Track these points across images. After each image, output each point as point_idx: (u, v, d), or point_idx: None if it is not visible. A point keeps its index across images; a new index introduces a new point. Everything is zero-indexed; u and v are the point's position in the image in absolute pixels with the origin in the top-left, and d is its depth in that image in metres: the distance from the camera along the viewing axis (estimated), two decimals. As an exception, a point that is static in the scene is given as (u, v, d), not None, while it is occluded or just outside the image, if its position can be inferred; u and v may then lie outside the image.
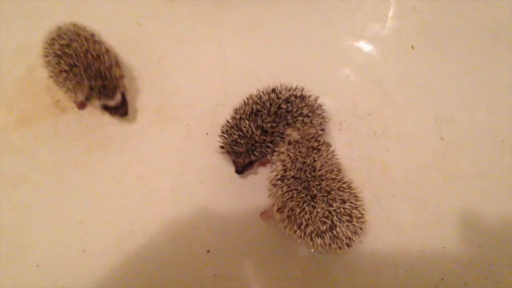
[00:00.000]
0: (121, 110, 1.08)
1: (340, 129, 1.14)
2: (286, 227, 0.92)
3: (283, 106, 0.97)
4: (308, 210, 0.87)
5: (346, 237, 0.88)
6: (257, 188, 1.07)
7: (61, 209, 1.07)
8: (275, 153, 0.95)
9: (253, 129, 0.96)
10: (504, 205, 1.05)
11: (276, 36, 1.31)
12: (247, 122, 0.96)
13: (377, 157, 1.12)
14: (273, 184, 0.93)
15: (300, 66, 1.13)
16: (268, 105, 0.97)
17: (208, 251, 1.02)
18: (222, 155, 1.07)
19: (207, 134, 1.16)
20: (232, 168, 1.09)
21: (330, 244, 0.89)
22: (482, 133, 1.14)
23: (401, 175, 1.10)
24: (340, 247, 0.90)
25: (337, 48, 1.30)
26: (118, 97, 1.06)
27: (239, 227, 1.05)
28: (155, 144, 1.16)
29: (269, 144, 0.97)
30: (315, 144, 0.92)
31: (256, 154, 0.98)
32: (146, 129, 1.17)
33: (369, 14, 1.35)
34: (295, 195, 0.89)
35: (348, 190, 0.91)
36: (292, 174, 0.89)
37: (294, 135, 0.94)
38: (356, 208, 0.90)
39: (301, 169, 0.89)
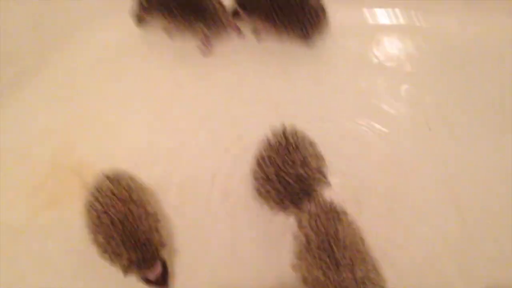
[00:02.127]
0: (162, 284, 1.02)
1: (358, 208, 1.15)
2: None
3: (292, 147, 1.04)
4: (333, 279, 0.88)
5: None
6: (276, 263, 1.08)
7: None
8: (298, 225, 0.97)
9: (290, 178, 1.01)
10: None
11: (287, 117, 1.26)
12: (281, 176, 1.01)
13: (396, 239, 1.11)
14: (298, 258, 0.95)
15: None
16: (283, 155, 1.03)
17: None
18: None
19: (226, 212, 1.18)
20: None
21: None
22: (503, 216, 1.13)
23: (422, 258, 1.08)
24: None
25: (351, 129, 1.30)
26: (158, 268, 0.99)
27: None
28: (176, 221, 1.17)
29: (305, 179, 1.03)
30: (335, 214, 0.95)
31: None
32: (169, 207, 1.19)
33: (382, 97, 1.36)
34: (319, 263, 0.90)
35: (371, 263, 0.92)
36: (316, 245, 0.91)
37: (311, 207, 0.96)
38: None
39: (324, 240, 0.91)
